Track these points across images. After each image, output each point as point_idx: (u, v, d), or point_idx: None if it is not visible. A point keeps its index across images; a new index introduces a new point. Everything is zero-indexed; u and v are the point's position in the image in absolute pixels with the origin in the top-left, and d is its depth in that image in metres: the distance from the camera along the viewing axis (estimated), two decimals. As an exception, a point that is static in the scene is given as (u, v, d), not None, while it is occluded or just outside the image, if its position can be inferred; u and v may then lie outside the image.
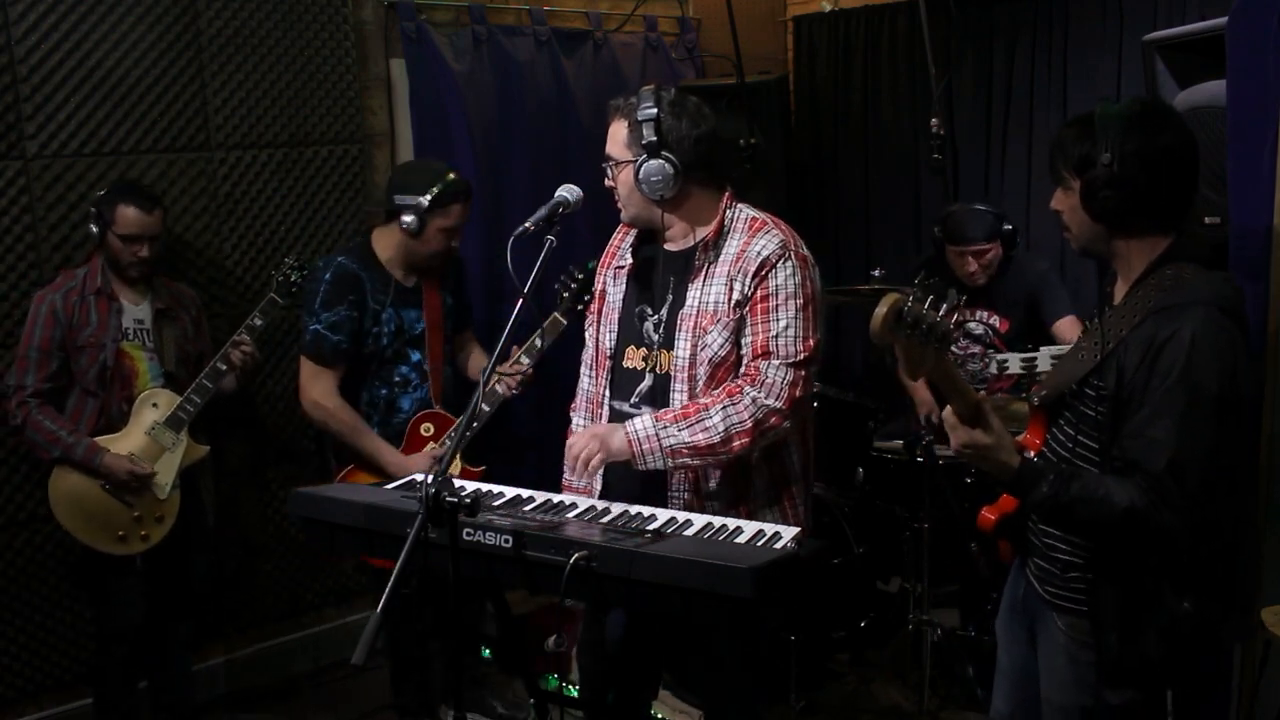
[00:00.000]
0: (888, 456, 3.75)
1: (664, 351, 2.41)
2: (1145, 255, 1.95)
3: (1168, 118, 1.95)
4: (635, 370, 2.45)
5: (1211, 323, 1.82)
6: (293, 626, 3.97)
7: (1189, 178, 1.94)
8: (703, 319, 2.37)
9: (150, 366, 3.20)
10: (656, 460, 2.29)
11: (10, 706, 3.38)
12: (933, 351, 1.73)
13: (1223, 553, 1.94)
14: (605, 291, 2.57)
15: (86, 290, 3.11)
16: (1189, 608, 1.89)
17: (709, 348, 2.36)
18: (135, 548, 3.14)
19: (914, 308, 1.68)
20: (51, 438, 3.06)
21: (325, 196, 3.84)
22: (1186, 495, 1.80)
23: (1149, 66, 2.97)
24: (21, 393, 3.07)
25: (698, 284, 2.39)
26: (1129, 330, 1.88)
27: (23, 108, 3.23)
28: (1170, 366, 1.81)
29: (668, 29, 4.76)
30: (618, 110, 2.40)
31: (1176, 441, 1.80)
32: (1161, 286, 1.89)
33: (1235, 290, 1.92)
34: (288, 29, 3.68)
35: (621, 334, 2.48)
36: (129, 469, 3.08)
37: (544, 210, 2.32)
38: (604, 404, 2.50)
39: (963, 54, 4.33)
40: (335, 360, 3.16)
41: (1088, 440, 1.96)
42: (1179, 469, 1.80)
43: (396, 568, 1.76)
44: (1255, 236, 2.45)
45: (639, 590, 1.84)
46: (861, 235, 4.85)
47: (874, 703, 3.60)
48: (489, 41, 4.10)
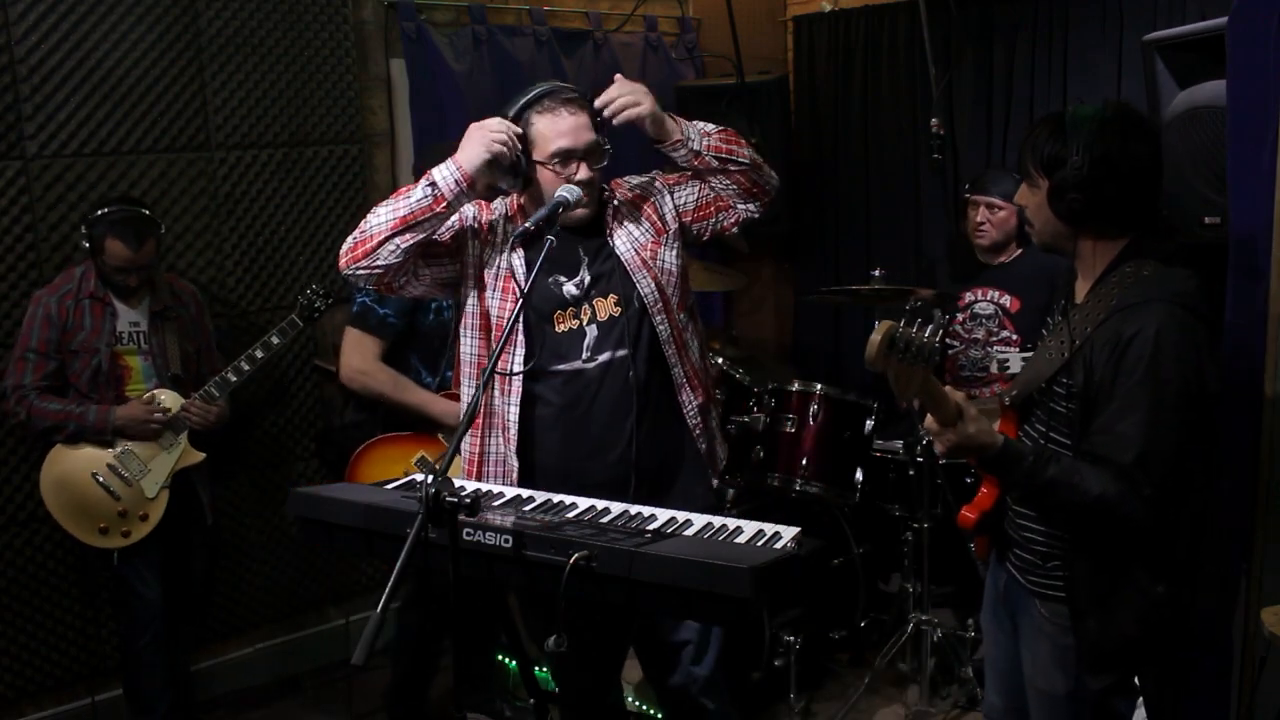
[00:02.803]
0: (888, 457, 3.75)
1: (597, 300, 2.49)
2: (1107, 254, 2.00)
3: (1138, 124, 1.99)
4: (572, 330, 2.49)
5: (1174, 319, 1.87)
6: (293, 626, 3.98)
7: (1154, 183, 2.00)
8: (644, 251, 2.53)
9: (144, 368, 3.20)
10: (689, 130, 2.48)
11: (10, 706, 3.38)
12: (920, 372, 1.81)
13: (1192, 538, 2.03)
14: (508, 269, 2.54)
15: (81, 293, 3.11)
16: (1162, 591, 1.95)
17: (667, 269, 2.54)
18: (115, 543, 3.14)
19: (904, 333, 1.76)
20: (61, 416, 3.06)
21: (325, 196, 3.84)
22: (1154, 486, 1.86)
23: (1149, 66, 2.97)
24: (20, 391, 3.07)
25: (620, 232, 2.54)
26: (1094, 328, 1.93)
27: (23, 108, 3.23)
28: (1136, 362, 1.87)
29: (668, 29, 4.76)
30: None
31: (1143, 435, 1.86)
32: (1123, 284, 1.95)
33: (1195, 286, 1.96)
34: (288, 29, 3.68)
35: (539, 304, 2.49)
36: (146, 410, 3.09)
37: (544, 210, 2.33)
38: (512, 377, 2.49)
39: (963, 54, 4.33)
40: (379, 331, 3.17)
41: (1059, 437, 2.01)
42: (1146, 461, 1.86)
43: (396, 568, 1.76)
44: (1255, 236, 2.45)
45: (639, 590, 1.84)
46: (861, 235, 4.85)
47: (874, 703, 3.60)
48: (489, 41, 4.10)
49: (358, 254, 2.40)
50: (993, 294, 3.79)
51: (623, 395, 2.49)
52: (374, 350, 3.18)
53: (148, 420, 3.10)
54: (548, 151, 2.43)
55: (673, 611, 2.25)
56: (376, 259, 2.38)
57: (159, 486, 3.17)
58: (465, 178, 2.38)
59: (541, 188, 2.46)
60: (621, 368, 2.49)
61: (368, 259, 2.39)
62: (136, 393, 3.18)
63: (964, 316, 3.82)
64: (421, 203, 2.38)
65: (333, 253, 3.86)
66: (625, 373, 2.49)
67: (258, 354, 3.23)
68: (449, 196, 2.38)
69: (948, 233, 4.42)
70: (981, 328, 3.80)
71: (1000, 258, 3.81)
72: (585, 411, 2.49)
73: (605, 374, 2.49)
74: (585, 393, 2.48)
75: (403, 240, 2.38)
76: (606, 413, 2.49)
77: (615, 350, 2.50)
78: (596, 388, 2.48)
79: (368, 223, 2.41)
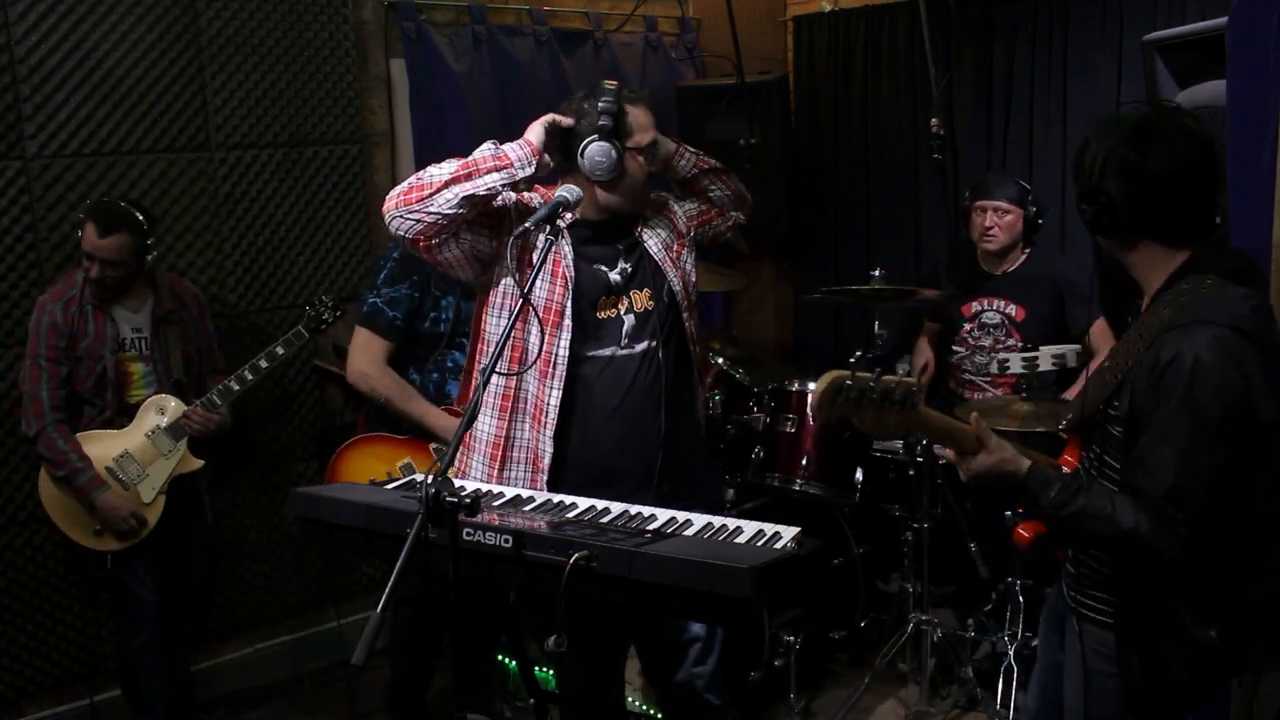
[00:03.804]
0: (887, 457, 3.75)
1: (635, 292, 2.58)
2: (1159, 269, 1.91)
3: (1172, 131, 1.86)
4: (611, 318, 2.56)
5: (1218, 344, 1.77)
6: (293, 626, 3.97)
7: (1189, 194, 1.87)
8: (671, 251, 2.67)
9: (145, 373, 3.20)
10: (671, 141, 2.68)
11: (10, 706, 3.38)
12: (895, 414, 1.77)
13: (1241, 577, 1.89)
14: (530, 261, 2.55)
15: (84, 299, 3.11)
16: (1214, 636, 1.85)
17: (687, 271, 2.70)
18: (109, 545, 3.14)
19: (855, 383, 1.73)
20: (61, 458, 3.07)
21: (325, 196, 3.83)
22: (1188, 523, 1.77)
23: (1149, 66, 2.98)
24: (39, 404, 3.07)
25: (649, 233, 2.65)
26: (1144, 350, 1.84)
27: (23, 108, 3.23)
28: (1171, 391, 1.78)
29: (668, 29, 4.76)
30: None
31: (1176, 468, 1.77)
32: (1176, 304, 1.84)
33: (1254, 308, 1.84)
34: (288, 29, 3.68)
35: (588, 289, 2.55)
36: (125, 517, 3.10)
37: (544, 210, 2.33)
38: (560, 360, 2.51)
39: (963, 54, 4.33)
40: (388, 333, 3.17)
41: (1112, 460, 1.93)
42: (1180, 496, 1.77)
43: (396, 568, 1.76)
44: (1255, 236, 2.45)
45: (639, 590, 1.84)
46: (861, 235, 4.85)
47: (874, 703, 3.60)
48: (489, 41, 4.10)
49: (411, 198, 2.40)
50: (999, 303, 3.81)
51: (654, 384, 2.57)
52: (381, 353, 3.18)
53: (124, 520, 3.10)
54: (643, 142, 2.54)
55: (673, 611, 2.26)
56: (431, 204, 2.38)
57: (156, 492, 3.17)
58: (530, 145, 2.47)
59: (629, 178, 2.54)
60: (653, 357, 2.57)
61: (421, 204, 2.38)
62: (138, 398, 3.18)
63: (971, 326, 3.85)
64: (485, 157, 2.44)
65: (333, 253, 3.86)
66: (657, 363, 2.57)
67: (262, 364, 3.22)
68: (513, 158, 2.44)
69: (948, 235, 4.42)
70: (989, 336, 3.82)
71: (1004, 265, 3.83)
72: (621, 399, 2.54)
73: (640, 363, 2.56)
74: (621, 380, 2.54)
75: (461, 189, 2.39)
76: (640, 399, 2.55)
77: (650, 340, 2.58)
78: (632, 376, 2.55)
79: (426, 172, 2.44)
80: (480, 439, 2.57)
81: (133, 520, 3.11)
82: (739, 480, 3.63)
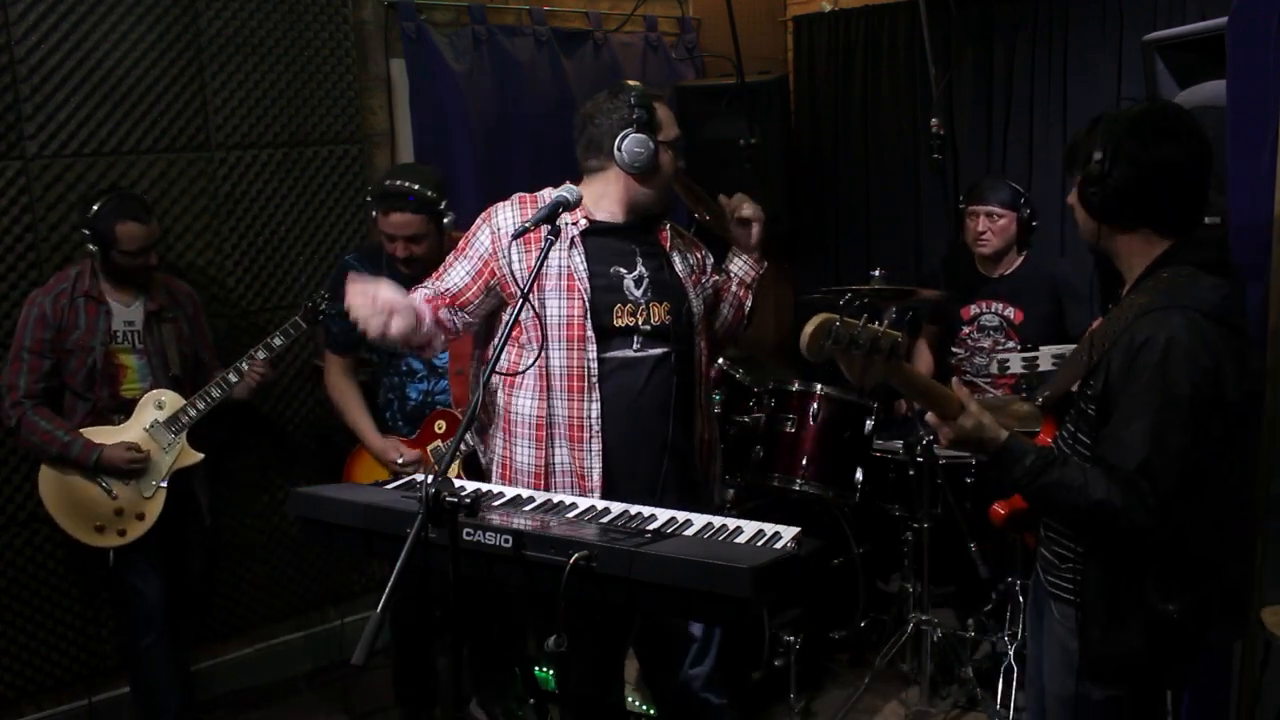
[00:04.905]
0: (888, 457, 3.75)
1: (653, 305, 2.56)
2: (1142, 256, 1.98)
3: (1174, 126, 1.94)
4: (627, 326, 2.54)
5: (1191, 327, 1.84)
6: (292, 626, 3.98)
7: (1185, 187, 1.95)
8: (693, 275, 2.69)
9: (140, 367, 3.20)
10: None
11: (10, 706, 3.38)
12: (880, 363, 1.82)
13: (1210, 555, 1.95)
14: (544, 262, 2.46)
15: (76, 292, 3.11)
16: (1172, 610, 1.91)
17: (707, 297, 2.74)
18: (111, 541, 3.14)
19: (843, 327, 1.77)
20: (47, 438, 3.06)
21: (325, 196, 3.84)
22: (1159, 495, 1.83)
23: (1149, 66, 2.98)
24: (15, 393, 3.07)
25: (675, 253, 2.65)
26: (1121, 331, 1.92)
27: (23, 108, 3.23)
28: (1144, 369, 1.85)
29: (668, 29, 4.76)
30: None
31: (1147, 444, 1.83)
32: (1155, 289, 1.92)
33: (1226, 295, 1.92)
34: (288, 29, 3.68)
35: (604, 293, 2.52)
36: (126, 456, 3.08)
37: (544, 210, 2.33)
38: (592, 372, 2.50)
39: (963, 54, 4.33)
40: (339, 347, 3.31)
41: (1084, 438, 1.99)
42: (1150, 469, 1.83)
43: (396, 568, 1.76)
44: (1255, 236, 2.45)
45: (639, 590, 1.84)
46: (861, 235, 4.85)
47: (874, 703, 3.60)
48: (489, 41, 4.10)
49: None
50: (996, 306, 3.82)
51: (664, 390, 2.56)
52: (336, 365, 3.36)
53: (128, 464, 3.10)
54: (670, 135, 2.57)
55: (673, 611, 2.25)
56: (410, 342, 2.56)
57: (156, 485, 3.17)
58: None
59: (662, 171, 2.56)
60: (665, 365, 2.56)
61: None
62: (132, 392, 3.17)
63: (970, 329, 3.86)
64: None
65: (333, 252, 3.86)
66: (669, 370, 2.56)
67: (259, 354, 3.23)
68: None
69: (948, 235, 4.42)
70: (988, 338, 3.83)
71: (1001, 268, 3.83)
72: (633, 401, 2.53)
73: (654, 368, 2.56)
74: (635, 382, 2.54)
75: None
76: (654, 404, 2.54)
77: (662, 348, 2.57)
78: (645, 380, 2.54)
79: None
80: (520, 471, 2.55)
81: (135, 454, 3.10)
82: (739, 480, 3.63)
